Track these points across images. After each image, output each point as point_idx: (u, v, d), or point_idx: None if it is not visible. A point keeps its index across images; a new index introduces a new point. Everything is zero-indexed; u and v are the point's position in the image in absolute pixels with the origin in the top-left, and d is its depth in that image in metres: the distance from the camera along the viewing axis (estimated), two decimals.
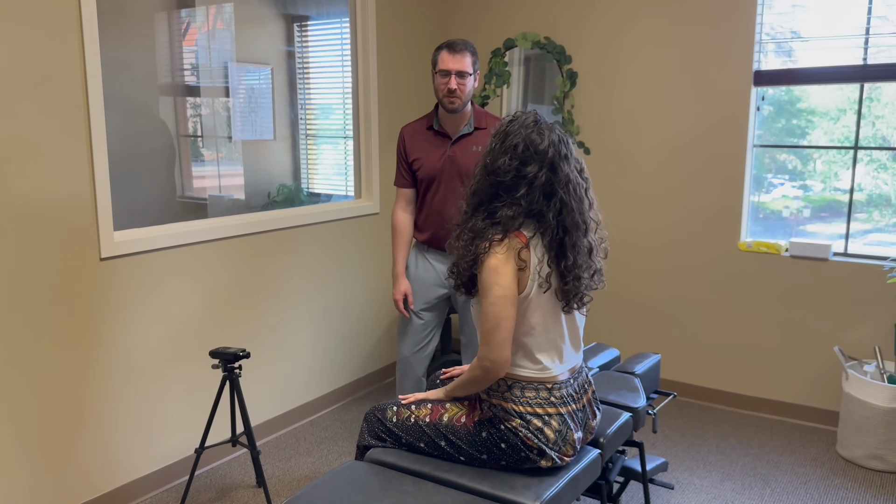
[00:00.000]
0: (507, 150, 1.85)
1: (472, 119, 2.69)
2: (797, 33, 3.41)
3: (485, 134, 2.69)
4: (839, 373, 3.43)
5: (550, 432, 1.85)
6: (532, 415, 1.85)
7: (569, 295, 1.86)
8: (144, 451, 2.82)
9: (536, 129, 1.86)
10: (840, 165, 3.41)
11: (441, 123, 2.71)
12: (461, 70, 2.56)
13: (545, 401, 1.87)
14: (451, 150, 2.68)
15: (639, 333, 3.94)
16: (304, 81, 3.55)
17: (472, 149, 2.67)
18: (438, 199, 2.71)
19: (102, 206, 2.56)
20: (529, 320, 1.86)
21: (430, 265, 2.78)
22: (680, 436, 3.38)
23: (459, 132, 2.68)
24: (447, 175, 2.68)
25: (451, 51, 2.57)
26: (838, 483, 2.94)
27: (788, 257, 3.48)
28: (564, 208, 1.84)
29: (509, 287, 1.80)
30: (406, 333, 2.85)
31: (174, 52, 2.92)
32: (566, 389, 1.91)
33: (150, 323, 2.78)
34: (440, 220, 2.71)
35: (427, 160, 2.70)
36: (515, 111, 1.95)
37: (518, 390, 1.88)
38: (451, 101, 2.59)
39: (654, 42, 3.68)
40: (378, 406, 2.08)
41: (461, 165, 2.66)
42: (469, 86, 2.60)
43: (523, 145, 1.84)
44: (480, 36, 4.20)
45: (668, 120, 3.70)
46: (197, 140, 3.07)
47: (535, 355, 1.88)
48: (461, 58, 2.56)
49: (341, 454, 3.21)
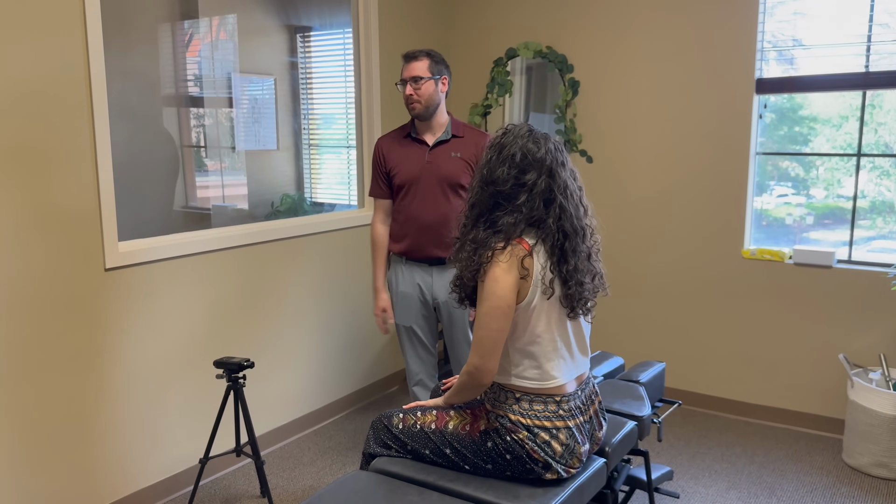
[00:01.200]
0: (505, 160, 1.87)
1: (450, 127, 2.72)
2: (798, 41, 3.42)
3: (462, 142, 2.70)
4: (844, 380, 3.42)
5: (558, 446, 1.85)
6: (540, 428, 1.85)
7: (573, 300, 1.86)
8: (149, 461, 2.82)
9: (532, 138, 1.89)
10: (843, 172, 3.41)
11: (418, 131, 2.74)
12: (414, 76, 2.62)
13: (553, 414, 1.86)
14: (429, 156, 2.69)
15: (643, 341, 3.93)
16: (307, 92, 3.56)
17: (451, 155, 2.69)
18: (416, 204, 2.70)
19: (107, 217, 2.57)
20: (535, 328, 1.86)
21: (412, 278, 2.76)
22: (685, 444, 3.37)
23: (437, 139, 2.70)
24: (425, 180, 2.68)
25: (406, 59, 2.66)
26: (844, 491, 2.93)
27: (792, 265, 3.47)
28: (564, 214, 1.85)
29: (505, 298, 1.80)
30: (407, 346, 2.85)
31: (178, 62, 2.94)
32: (574, 402, 1.91)
33: (154, 333, 2.79)
34: (417, 226, 2.70)
35: (404, 166, 2.71)
36: (507, 124, 1.97)
37: (526, 403, 1.87)
38: (412, 108, 2.65)
39: (655, 51, 3.70)
40: (384, 413, 2.08)
41: (440, 171, 2.67)
42: (427, 90, 2.63)
43: (521, 154, 1.86)
44: (482, 45, 4.22)
45: (670, 128, 3.71)
46: (200, 150, 3.08)
47: (543, 365, 1.87)
48: (415, 64, 2.63)
49: (345, 464, 3.20)
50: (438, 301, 2.75)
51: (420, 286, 2.75)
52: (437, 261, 2.73)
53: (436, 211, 2.68)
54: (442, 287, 2.73)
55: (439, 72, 2.66)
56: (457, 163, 2.68)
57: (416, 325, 2.79)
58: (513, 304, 1.82)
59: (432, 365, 2.87)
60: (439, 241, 2.70)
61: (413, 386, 2.89)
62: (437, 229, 2.69)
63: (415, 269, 2.76)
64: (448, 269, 2.73)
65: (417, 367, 2.85)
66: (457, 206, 2.69)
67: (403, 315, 2.80)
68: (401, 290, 2.79)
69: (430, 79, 2.63)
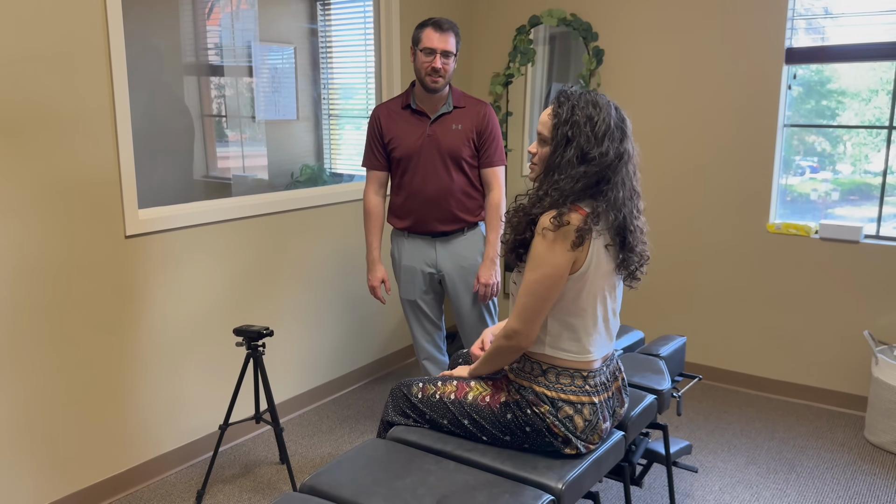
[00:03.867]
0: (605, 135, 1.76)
1: (451, 98, 2.65)
2: (827, 10, 3.32)
3: (464, 113, 2.64)
4: (868, 357, 3.37)
5: (580, 421, 1.82)
6: (564, 402, 1.82)
7: (631, 265, 1.83)
8: (169, 427, 2.86)
9: (605, 102, 1.80)
10: (870, 147, 3.32)
11: (418, 102, 2.66)
12: (446, 50, 2.54)
13: (580, 388, 1.84)
14: (430, 129, 2.63)
15: (664, 315, 3.90)
16: (327, 61, 3.53)
17: (452, 127, 2.62)
18: (419, 179, 2.65)
19: (127, 184, 2.58)
20: (582, 300, 1.81)
21: (415, 252, 2.73)
22: (704, 419, 3.35)
23: (438, 111, 2.64)
24: (426, 154, 2.63)
25: (438, 29, 2.54)
26: (866, 469, 2.90)
27: (818, 239, 3.41)
28: (634, 178, 1.82)
29: (560, 267, 1.74)
30: (413, 321, 2.84)
31: (198, 31, 2.92)
32: (600, 377, 1.88)
33: (174, 300, 2.81)
34: (420, 200, 2.66)
35: (405, 139, 2.65)
36: (563, 88, 1.85)
37: (553, 375, 1.85)
38: (434, 81, 2.55)
39: (682, 18, 3.60)
40: (404, 381, 2.08)
41: (442, 144, 2.62)
42: (452, 66, 2.58)
43: (614, 121, 1.78)
44: (505, 13, 4.14)
45: (695, 98, 3.63)
46: (221, 120, 3.07)
47: (582, 338, 1.83)
48: (447, 37, 2.54)
49: (363, 432, 3.23)
50: (444, 273, 2.72)
51: (425, 260, 2.73)
52: (440, 234, 2.70)
53: (438, 184, 2.63)
54: (447, 259, 2.70)
55: (458, 50, 2.62)
56: (458, 135, 2.62)
57: (420, 300, 2.78)
58: (565, 276, 1.76)
59: (440, 338, 2.86)
60: (442, 215, 2.66)
61: (423, 360, 2.88)
62: (440, 203, 2.65)
63: (418, 243, 2.73)
64: (452, 241, 2.70)
65: (425, 341, 2.84)
66: (458, 180, 2.64)
67: (408, 289, 2.78)
68: (404, 263, 2.76)
69: (455, 55, 2.58)
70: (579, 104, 1.79)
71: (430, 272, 2.74)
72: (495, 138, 2.68)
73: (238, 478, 2.83)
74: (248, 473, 2.86)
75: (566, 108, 1.80)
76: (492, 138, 2.66)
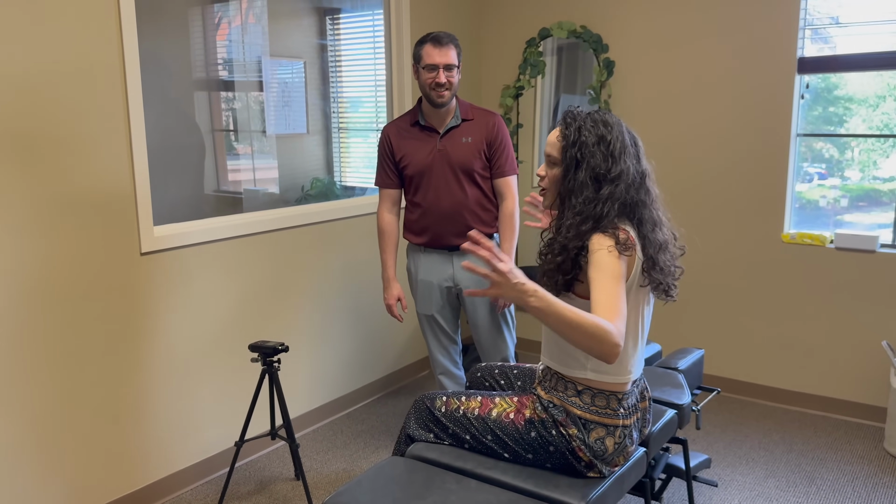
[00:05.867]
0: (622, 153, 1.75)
1: (459, 111, 2.65)
2: (837, 19, 3.30)
3: (473, 125, 2.64)
4: (887, 368, 3.33)
5: (611, 444, 1.80)
6: (598, 424, 1.80)
7: (666, 284, 1.82)
8: (185, 444, 2.85)
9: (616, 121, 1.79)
10: (879, 154, 3.30)
11: (427, 118, 2.66)
12: (448, 63, 2.54)
13: (614, 412, 1.81)
14: (440, 144, 2.63)
15: (680, 327, 3.87)
16: (337, 74, 3.53)
17: (462, 140, 2.62)
18: (432, 195, 2.65)
19: (142, 201, 2.58)
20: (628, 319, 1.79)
21: (432, 264, 2.73)
22: (721, 431, 3.32)
23: (447, 125, 2.64)
24: (438, 169, 2.63)
25: (437, 44, 2.55)
26: (887, 481, 2.86)
27: (833, 249, 3.38)
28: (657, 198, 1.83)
29: (622, 271, 1.68)
30: (430, 336, 2.83)
31: (208, 46, 2.92)
32: (630, 399, 1.86)
33: (189, 317, 2.80)
34: (435, 216, 2.65)
35: (416, 156, 2.65)
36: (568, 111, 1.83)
37: (588, 397, 1.82)
38: (439, 95, 2.55)
39: (693, 29, 3.60)
40: (428, 394, 2.05)
41: (452, 158, 2.62)
42: (456, 78, 2.58)
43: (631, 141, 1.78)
44: (515, 26, 4.15)
45: (708, 109, 3.62)
46: (231, 134, 3.07)
47: (623, 360, 1.81)
48: (447, 51, 2.55)
49: (378, 447, 3.21)
50: (461, 287, 2.71)
51: (441, 274, 2.72)
52: (456, 248, 2.69)
53: (452, 199, 2.63)
54: (463, 274, 2.69)
55: (460, 61, 2.62)
56: (468, 148, 2.62)
57: (437, 314, 2.77)
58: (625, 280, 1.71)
59: (457, 353, 2.85)
60: (458, 228, 2.66)
61: (439, 375, 2.87)
62: (455, 217, 2.64)
63: (434, 257, 2.73)
64: (469, 254, 2.69)
65: (441, 356, 2.83)
66: (472, 193, 2.64)
67: (424, 304, 2.77)
68: (421, 278, 2.75)
69: (457, 68, 2.58)
70: (586, 124, 1.76)
71: (447, 286, 2.73)
72: (506, 148, 2.67)
73: (254, 494, 2.81)
74: (263, 490, 2.84)
75: (573, 129, 1.78)
76: (503, 148, 2.66)
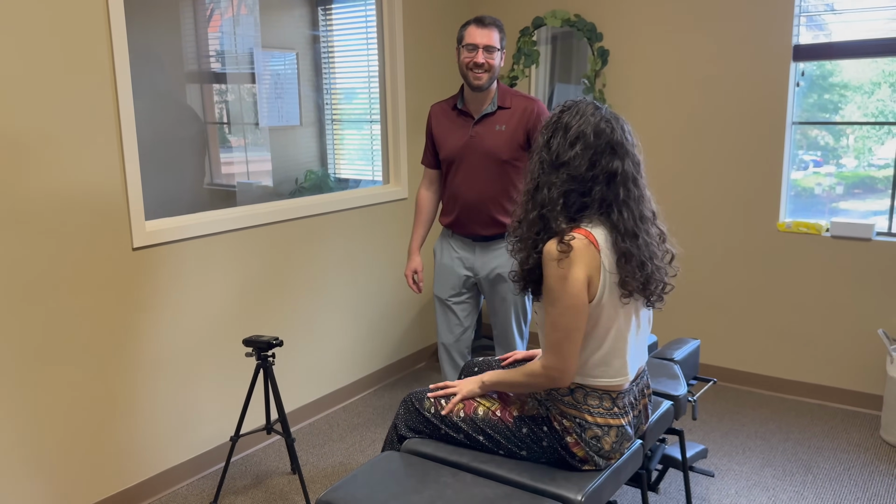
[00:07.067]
0: (576, 141, 1.70)
1: (496, 98, 2.60)
2: (832, 6, 3.28)
3: (509, 113, 2.59)
4: (883, 356, 3.34)
5: (607, 444, 1.79)
6: (592, 423, 1.78)
7: (651, 287, 1.75)
8: (180, 440, 2.84)
9: (602, 117, 1.74)
10: (874, 141, 3.29)
11: (465, 103, 2.63)
12: (489, 45, 2.49)
13: (608, 411, 1.79)
14: (473, 131, 2.60)
15: (676, 317, 3.87)
16: (329, 66, 3.50)
17: (496, 128, 2.58)
18: (459, 180, 2.63)
19: (133, 196, 2.55)
20: (606, 325, 1.74)
21: (453, 251, 2.73)
22: (718, 420, 3.32)
23: (482, 111, 2.60)
24: (469, 156, 2.60)
25: (480, 24, 2.51)
26: (883, 469, 2.87)
27: (829, 237, 3.37)
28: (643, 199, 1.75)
29: (578, 296, 1.67)
30: (442, 321, 2.82)
31: (200, 38, 2.89)
32: (628, 397, 1.84)
33: (183, 312, 2.78)
34: (461, 204, 2.64)
35: (449, 140, 2.64)
36: (567, 101, 1.81)
37: (581, 395, 1.79)
38: (476, 77, 2.51)
39: (687, 17, 3.57)
40: (415, 394, 2.02)
41: (485, 145, 2.58)
42: (496, 62, 2.53)
43: (593, 134, 1.70)
44: (509, 14, 4.11)
45: (703, 97, 3.60)
46: (224, 127, 3.04)
47: (612, 362, 1.77)
48: (489, 32, 2.50)
49: (374, 440, 3.20)
50: (479, 277, 2.70)
51: (461, 261, 2.71)
52: (481, 238, 2.67)
53: (479, 188, 2.60)
54: (484, 264, 2.68)
55: (503, 46, 2.57)
56: (501, 136, 2.57)
57: (450, 299, 2.76)
58: (586, 301, 1.68)
59: (464, 341, 2.83)
60: (483, 219, 2.63)
61: (440, 355, 2.86)
62: (480, 208, 2.62)
63: (458, 243, 2.73)
64: (492, 246, 2.67)
65: (447, 339, 2.82)
66: (500, 184, 2.60)
67: (441, 287, 2.78)
68: (443, 262, 2.76)
69: (499, 50, 2.53)
70: (570, 110, 1.75)
71: (466, 274, 2.73)
72: None
73: (250, 489, 2.80)
74: (259, 484, 2.84)
75: (556, 112, 1.78)
76: None
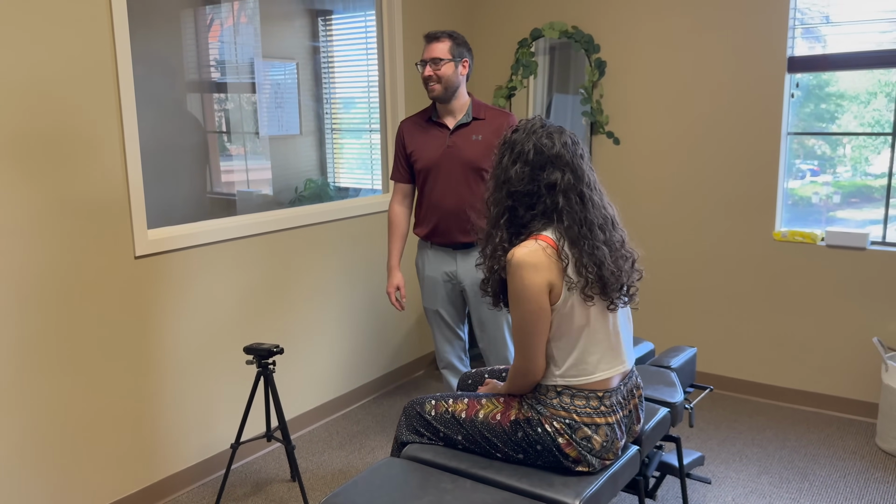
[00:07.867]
0: (518, 158, 1.84)
1: (471, 109, 2.67)
2: (828, 17, 3.33)
3: (484, 125, 2.66)
4: (878, 364, 3.36)
5: (597, 442, 1.82)
6: (580, 423, 1.82)
7: (611, 290, 1.81)
8: (180, 447, 2.85)
9: (545, 133, 1.85)
10: (870, 150, 3.33)
11: (439, 115, 2.70)
12: (434, 57, 2.58)
13: (595, 410, 1.83)
14: (450, 140, 2.65)
15: (672, 325, 3.89)
16: (329, 75, 3.54)
17: (472, 138, 2.64)
18: (438, 191, 2.67)
19: (136, 205, 2.58)
20: (575, 325, 1.81)
21: (437, 263, 2.75)
22: (714, 428, 3.34)
23: (458, 122, 2.66)
24: (446, 166, 2.65)
25: (427, 40, 2.62)
26: (878, 476, 2.89)
27: (825, 246, 3.41)
28: (593, 206, 1.82)
29: (537, 300, 1.77)
30: (436, 330, 2.85)
31: (201, 48, 2.93)
32: (616, 396, 1.88)
33: (184, 320, 2.80)
34: (440, 212, 2.68)
35: (425, 151, 2.68)
36: (520, 120, 1.94)
37: (567, 397, 1.84)
38: (431, 89, 2.61)
39: (683, 28, 3.62)
40: (416, 400, 2.07)
41: (464, 154, 2.63)
42: (446, 72, 2.59)
43: (534, 151, 1.82)
44: (506, 26, 4.16)
45: (699, 108, 3.64)
46: (224, 136, 3.07)
47: (587, 359, 1.83)
48: (435, 45, 2.59)
49: (374, 448, 3.22)
50: (464, 285, 2.73)
51: (445, 271, 2.74)
52: (461, 245, 2.71)
53: (457, 197, 2.65)
54: (467, 271, 2.71)
55: (460, 54, 2.62)
56: (478, 146, 2.64)
57: (442, 309, 2.79)
58: (546, 306, 1.78)
59: (461, 348, 2.87)
60: (463, 226, 2.67)
61: (443, 369, 2.89)
62: (460, 215, 2.66)
63: (440, 254, 2.75)
64: (472, 253, 2.71)
65: (446, 350, 2.85)
66: (479, 191, 2.65)
67: (430, 299, 2.80)
68: (427, 274, 2.78)
69: (449, 61, 2.59)
70: (519, 130, 1.88)
71: (451, 283, 2.75)
72: None
73: (250, 496, 2.82)
74: (259, 492, 2.85)
75: (507, 132, 1.91)
76: None
